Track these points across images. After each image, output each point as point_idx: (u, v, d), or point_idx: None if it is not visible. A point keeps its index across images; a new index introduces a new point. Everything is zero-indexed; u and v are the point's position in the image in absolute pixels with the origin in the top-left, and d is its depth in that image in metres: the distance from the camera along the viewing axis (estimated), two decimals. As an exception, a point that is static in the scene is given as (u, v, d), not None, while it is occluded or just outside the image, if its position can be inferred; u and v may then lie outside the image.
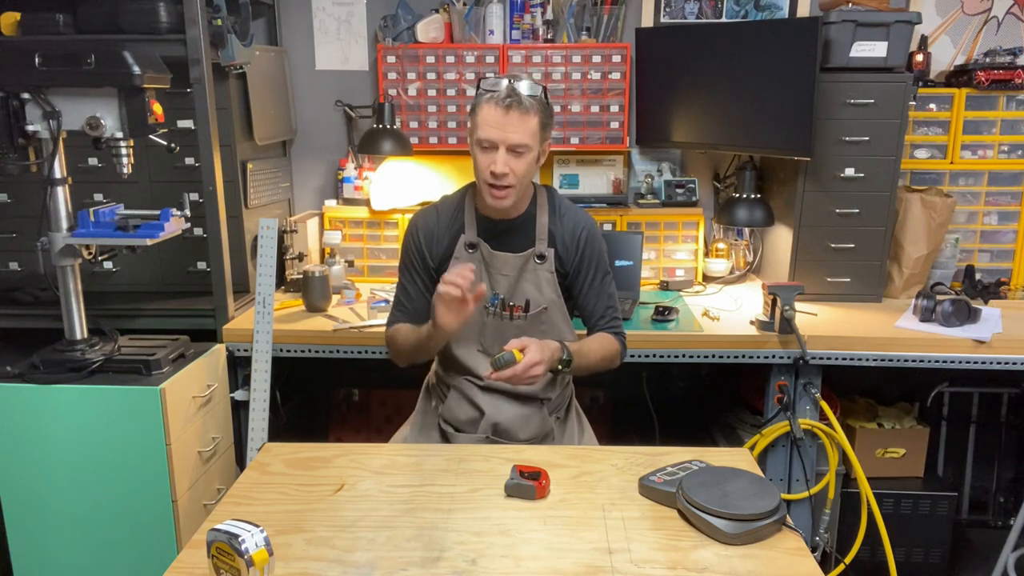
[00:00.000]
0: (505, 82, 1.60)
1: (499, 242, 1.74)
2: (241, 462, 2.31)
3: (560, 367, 1.61)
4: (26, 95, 1.79)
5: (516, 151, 1.60)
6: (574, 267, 1.76)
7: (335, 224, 2.80)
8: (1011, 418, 2.92)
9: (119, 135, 1.84)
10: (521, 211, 1.73)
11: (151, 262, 2.48)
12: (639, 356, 2.20)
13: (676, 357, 2.21)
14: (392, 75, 2.71)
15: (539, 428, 1.75)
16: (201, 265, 2.47)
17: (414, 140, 2.72)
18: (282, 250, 2.61)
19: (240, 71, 2.38)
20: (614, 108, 2.72)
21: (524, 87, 1.60)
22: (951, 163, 2.70)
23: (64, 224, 1.88)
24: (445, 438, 1.80)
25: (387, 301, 2.42)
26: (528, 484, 1.35)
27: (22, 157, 1.84)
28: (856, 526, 2.31)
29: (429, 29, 2.68)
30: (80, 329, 1.97)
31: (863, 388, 2.71)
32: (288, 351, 2.23)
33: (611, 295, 1.80)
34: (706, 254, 2.87)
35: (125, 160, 1.88)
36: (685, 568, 1.15)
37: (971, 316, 2.27)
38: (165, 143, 1.93)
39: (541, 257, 1.73)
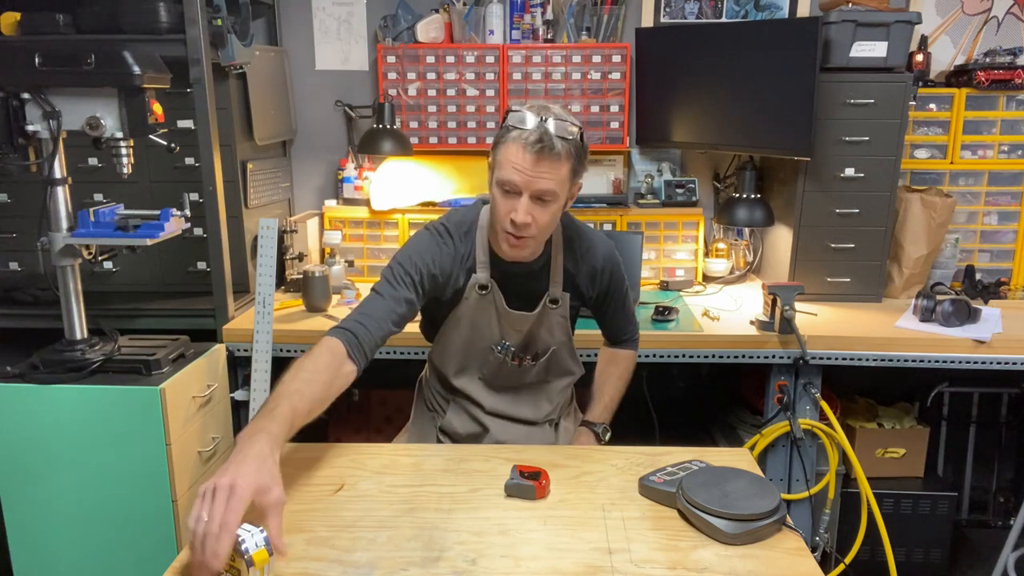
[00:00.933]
0: (535, 120, 1.41)
1: (513, 288, 1.60)
2: (241, 462, 2.30)
3: (604, 434, 1.73)
4: (26, 95, 1.79)
5: (542, 199, 1.44)
6: (596, 301, 1.72)
7: (335, 224, 2.80)
8: (1011, 418, 2.92)
9: (119, 135, 1.84)
10: (538, 254, 1.59)
11: (151, 262, 2.48)
12: (639, 356, 2.19)
13: (676, 357, 2.21)
14: (392, 75, 2.71)
15: (540, 443, 1.73)
16: (201, 265, 2.47)
17: (414, 140, 2.72)
18: (282, 250, 2.61)
19: (240, 71, 2.38)
20: (614, 108, 2.72)
21: (555, 128, 1.41)
22: (951, 163, 2.70)
23: (64, 224, 1.88)
24: None
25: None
26: (528, 484, 1.34)
27: (22, 157, 1.84)
28: (856, 526, 2.31)
29: (429, 29, 2.68)
30: (80, 329, 1.97)
31: (863, 388, 2.71)
32: (288, 351, 2.23)
33: (631, 314, 1.82)
34: (706, 254, 2.87)
35: (125, 160, 1.88)
36: (685, 568, 1.15)
37: (971, 316, 2.27)
38: (165, 143, 1.93)
39: (555, 301, 1.64)
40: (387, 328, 1.49)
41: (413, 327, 2.24)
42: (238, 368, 2.28)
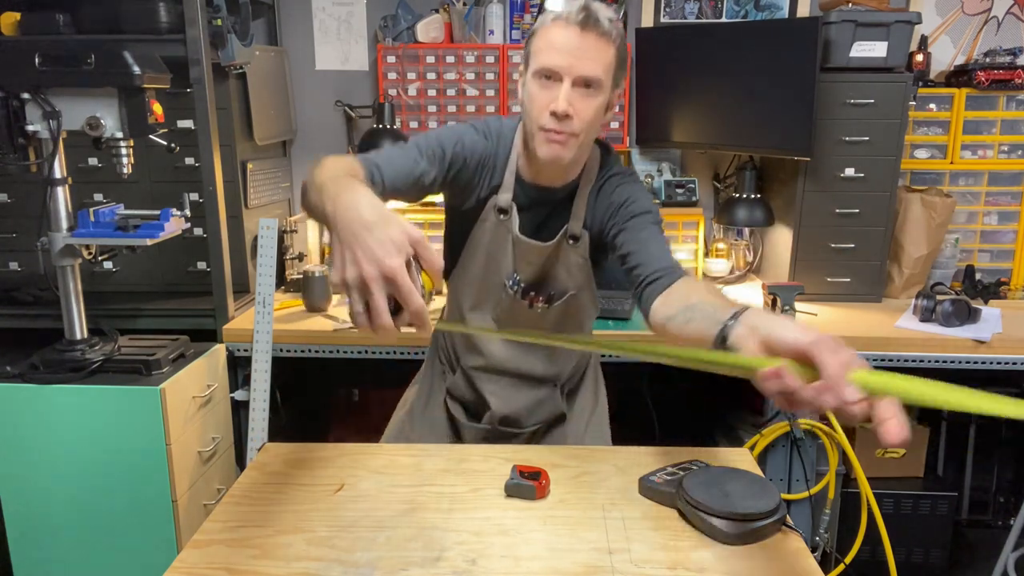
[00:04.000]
0: (578, 4, 1.28)
1: (531, 216, 1.47)
2: (241, 462, 2.31)
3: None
4: (26, 95, 1.79)
5: (586, 86, 1.30)
6: (615, 231, 1.41)
7: (335, 224, 2.80)
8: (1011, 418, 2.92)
9: (119, 135, 1.84)
10: (569, 179, 1.44)
11: (151, 262, 2.48)
12: (639, 356, 2.20)
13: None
14: (392, 75, 2.71)
15: (549, 413, 1.64)
16: (201, 265, 2.47)
17: (414, 140, 2.72)
18: (282, 250, 2.61)
19: (240, 71, 2.38)
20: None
21: (602, 10, 1.29)
22: (951, 163, 2.70)
23: (64, 224, 1.88)
24: (450, 417, 1.69)
25: (387, 301, 2.42)
26: (528, 484, 1.34)
27: (22, 157, 1.84)
28: (856, 526, 2.31)
29: (429, 29, 2.68)
30: (80, 329, 1.97)
31: (863, 388, 2.71)
32: (288, 351, 2.23)
33: (670, 254, 1.37)
34: (706, 254, 2.86)
35: (125, 160, 1.88)
36: (685, 568, 1.15)
37: (971, 316, 2.27)
38: (165, 143, 1.93)
39: (574, 238, 1.46)
40: (404, 183, 1.34)
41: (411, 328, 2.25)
42: (238, 368, 2.28)
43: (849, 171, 2.46)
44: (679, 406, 2.87)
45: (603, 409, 1.79)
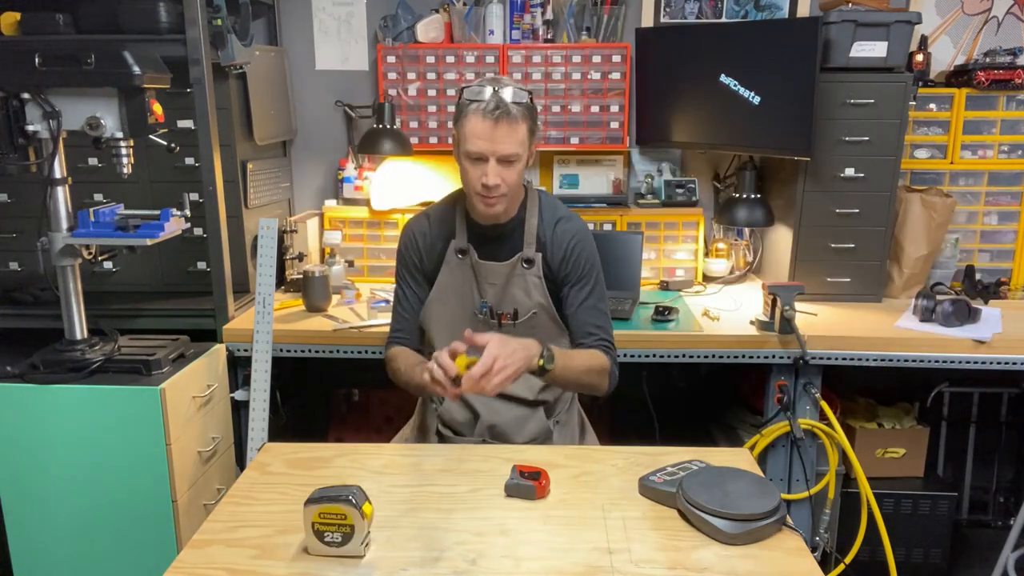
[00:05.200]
0: (489, 90, 1.55)
1: (488, 248, 1.71)
2: (241, 462, 2.30)
3: (541, 362, 1.48)
4: (26, 95, 1.79)
5: (507, 161, 1.57)
6: (563, 275, 1.71)
7: (335, 224, 2.80)
8: (1011, 418, 2.92)
9: (119, 135, 1.84)
10: (511, 215, 1.70)
11: (151, 262, 2.48)
12: (639, 356, 2.20)
13: (676, 357, 2.21)
14: (392, 75, 2.71)
15: (537, 431, 1.73)
16: (201, 265, 2.47)
17: (414, 140, 2.72)
18: (282, 250, 2.61)
19: (240, 71, 2.38)
20: (614, 108, 2.72)
21: (509, 94, 1.55)
22: (951, 163, 2.70)
23: (64, 224, 1.88)
24: (443, 441, 1.78)
25: (387, 301, 2.42)
26: (528, 484, 1.35)
27: (22, 157, 1.84)
28: (856, 526, 2.31)
29: (429, 29, 2.68)
30: (80, 329, 1.97)
31: (863, 388, 2.71)
32: (288, 351, 2.23)
33: (603, 313, 1.72)
34: (706, 254, 2.87)
35: (125, 160, 1.88)
36: (685, 568, 1.15)
37: (971, 316, 2.27)
38: (165, 143, 1.93)
39: (528, 262, 1.70)
40: (419, 320, 1.77)
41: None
42: (238, 368, 2.28)
43: (849, 171, 2.46)
44: (679, 406, 2.87)
45: (592, 440, 1.90)
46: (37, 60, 1.75)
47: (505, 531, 1.25)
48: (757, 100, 2.43)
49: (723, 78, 2.50)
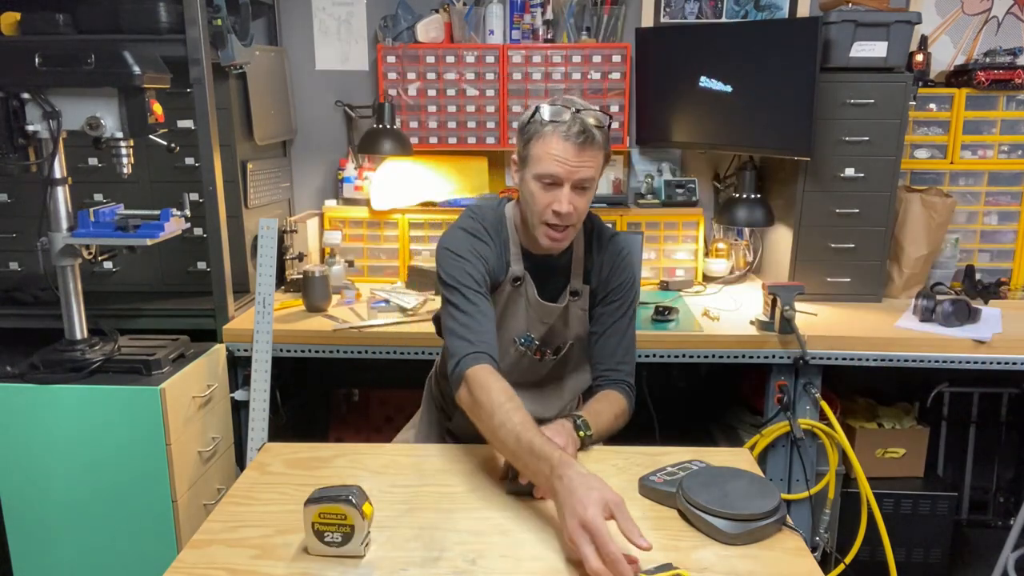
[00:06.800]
0: (569, 113, 1.45)
1: (540, 279, 1.62)
2: (241, 462, 2.31)
3: (582, 434, 1.46)
4: (26, 95, 1.79)
5: (582, 188, 1.48)
6: (603, 294, 1.64)
7: (335, 224, 2.80)
8: (1011, 418, 2.92)
9: (119, 135, 1.84)
10: (565, 246, 1.60)
11: (151, 262, 2.48)
12: (639, 356, 2.19)
13: (676, 357, 2.21)
14: (392, 75, 2.72)
15: None
16: (201, 265, 2.47)
17: (414, 140, 2.72)
18: (282, 250, 2.61)
19: (240, 71, 2.38)
20: (614, 108, 2.72)
21: (592, 119, 1.46)
22: (951, 163, 2.70)
23: (64, 224, 1.88)
24: None
25: (387, 301, 2.42)
26: (528, 484, 1.34)
27: (22, 157, 1.84)
28: (856, 526, 2.31)
29: (429, 29, 2.68)
30: (80, 329, 1.97)
31: (863, 388, 2.71)
32: (288, 351, 2.23)
33: (630, 344, 1.65)
34: (706, 254, 2.87)
35: (125, 160, 1.88)
36: (685, 568, 1.15)
37: (971, 316, 2.27)
38: (165, 143, 1.93)
39: (576, 294, 1.63)
40: (495, 334, 1.51)
41: (411, 328, 2.25)
42: (238, 368, 2.28)
43: (849, 171, 2.46)
44: (679, 406, 2.87)
45: None
46: (37, 60, 1.75)
47: (505, 531, 1.25)
48: (757, 100, 2.43)
49: (722, 78, 2.50)
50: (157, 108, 1.89)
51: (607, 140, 1.51)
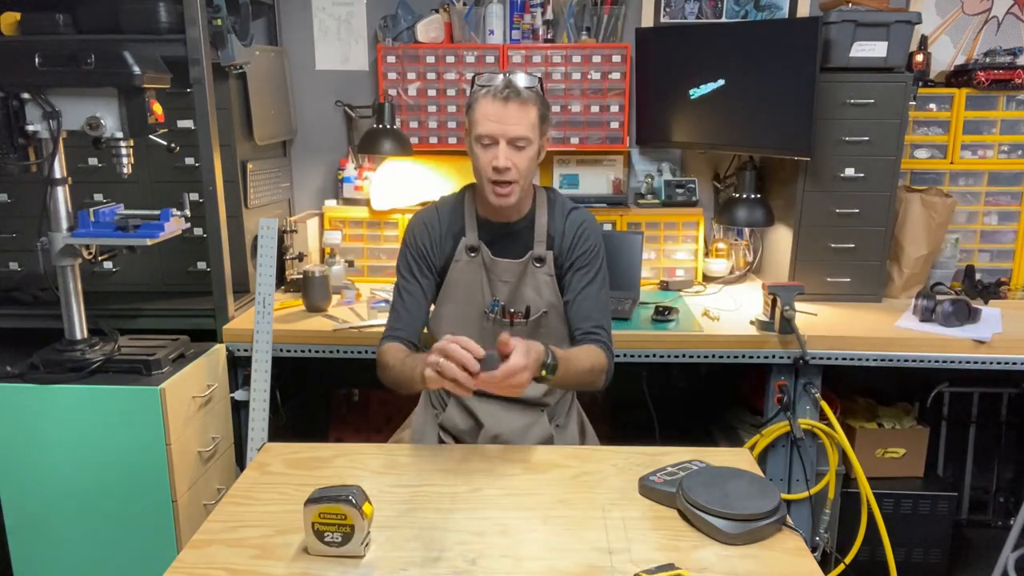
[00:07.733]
0: (500, 76, 1.60)
1: (500, 246, 1.71)
2: (241, 462, 2.31)
3: (544, 372, 1.44)
4: (26, 95, 1.79)
5: (517, 144, 1.58)
6: (569, 262, 1.70)
7: (335, 224, 2.80)
8: (1011, 418, 2.92)
9: (119, 135, 1.84)
10: (523, 213, 1.71)
11: (151, 262, 2.48)
12: (639, 356, 2.20)
13: (676, 357, 2.21)
14: (392, 75, 2.71)
15: (540, 438, 1.72)
16: (201, 265, 2.47)
17: (414, 140, 2.72)
18: (282, 250, 2.61)
19: (240, 71, 2.38)
20: (614, 108, 2.72)
21: (521, 80, 1.60)
22: (951, 163, 2.70)
23: (64, 224, 1.88)
24: None
25: (387, 301, 2.42)
26: (495, 354, 1.36)
27: (22, 157, 1.84)
28: (856, 526, 2.31)
29: (429, 29, 2.68)
30: (80, 329, 1.97)
31: (863, 388, 2.71)
32: (288, 351, 2.23)
33: (604, 306, 1.70)
34: (706, 254, 2.87)
35: (125, 160, 1.88)
36: (685, 568, 1.15)
37: (971, 316, 2.27)
38: (165, 143, 1.93)
39: (540, 260, 1.71)
40: (422, 316, 1.71)
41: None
42: (238, 368, 2.28)
43: (849, 171, 2.46)
44: (679, 406, 2.87)
45: (592, 441, 1.89)
46: (37, 60, 1.75)
47: (505, 531, 1.25)
48: (757, 100, 2.43)
49: (723, 78, 2.50)
50: (157, 108, 1.89)
51: (541, 101, 1.62)
